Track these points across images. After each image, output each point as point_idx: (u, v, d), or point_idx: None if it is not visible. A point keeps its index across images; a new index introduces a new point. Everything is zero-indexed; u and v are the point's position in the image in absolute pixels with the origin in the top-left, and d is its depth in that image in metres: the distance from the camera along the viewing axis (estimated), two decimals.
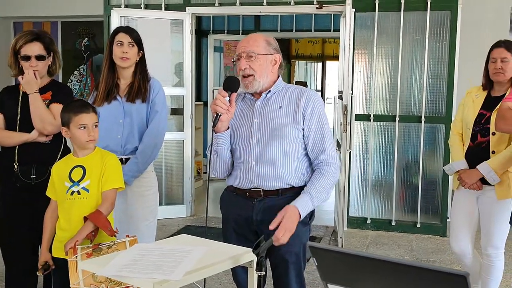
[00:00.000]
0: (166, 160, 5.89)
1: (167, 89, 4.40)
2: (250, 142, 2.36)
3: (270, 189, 2.35)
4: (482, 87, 3.23)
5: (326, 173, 2.32)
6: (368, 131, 5.49)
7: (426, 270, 1.04)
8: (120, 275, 1.69)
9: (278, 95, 2.40)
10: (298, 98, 2.36)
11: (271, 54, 2.37)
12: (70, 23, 7.58)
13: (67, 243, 2.40)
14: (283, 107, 2.36)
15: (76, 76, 7.74)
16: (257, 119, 2.37)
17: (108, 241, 2.35)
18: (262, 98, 2.40)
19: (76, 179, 2.55)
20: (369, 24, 5.38)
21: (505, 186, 3.05)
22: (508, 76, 3.09)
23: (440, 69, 5.29)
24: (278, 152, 2.33)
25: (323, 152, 2.34)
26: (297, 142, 2.36)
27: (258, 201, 2.36)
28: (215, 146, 2.36)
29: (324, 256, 1.21)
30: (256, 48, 2.34)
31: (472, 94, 3.26)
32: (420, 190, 5.37)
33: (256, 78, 2.33)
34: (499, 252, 3.17)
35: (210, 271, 1.78)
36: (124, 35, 3.02)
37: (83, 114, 2.55)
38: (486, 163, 3.05)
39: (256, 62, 2.33)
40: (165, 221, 5.59)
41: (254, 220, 2.37)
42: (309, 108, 2.34)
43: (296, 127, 2.34)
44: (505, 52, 3.09)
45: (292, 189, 2.36)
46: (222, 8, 5.83)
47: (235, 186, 2.42)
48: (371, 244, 5.06)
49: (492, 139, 3.06)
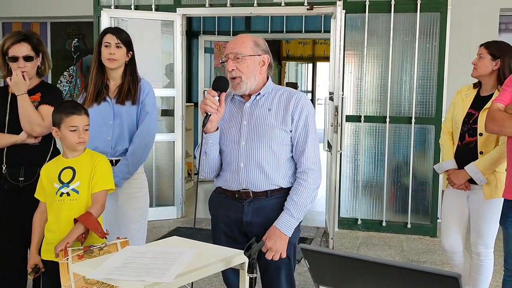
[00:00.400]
0: (156, 161, 5.87)
1: (158, 90, 4.38)
2: (239, 143, 2.35)
3: (259, 191, 2.34)
4: (473, 85, 3.26)
5: (305, 183, 2.33)
6: (358, 132, 5.50)
7: (418, 272, 1.04)
8: (111, 278, 1.67)
9: (268, 97, 2.40)
10: (287, 101, 2.36)
11: (259, 55, 2.37)
12: (60, 24, 7.53)
13: (57, 245, 2.38)
14: (273, 110, 2.36)
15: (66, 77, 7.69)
16: (246, 121, 2.37)
17: (99, 243, 2.34)
18: (251, 100, 2.40)
19: (65, 180, 2.53)
20: (359, 25, 5.39)
21: (492, 186, 3.07)
22: (481, 72, 3.14)
23: (430, 70, 5.31)
24: (266, 154, 2.32)
25: (303, 154, 2.34)
26: (286, 144, 2.36)
27: (248, 202, 2.36)
28: (204, 146, 2.35)
29: (316, 258, 1.20)
30: (243, 49, 2.33)
31: (462, 93, 3.28)
32: (411, 191, 5.39)
33: (243, 79, 2.33)
34: (489, 251, 3.19)
35: (202, 274, 1.77)
36: (111, 36, 2.99)
37: (75, 116, 2.53)
38: (474, 164, 3.07)
39: (243, 64, 2.32)
40: (155, 223, 5.57)
41: (243, 222, 2.37)
42: (298, 110, 2.34)
43: (285, 129, 2.34)
44: (483, 49, 3.15)
45: (281, 190, 2.36)
46: (212, 9, 5.82)
47: (224, 187, 2.42)
48: (362, 245, 5.07)
49: (480, 139, 3.09)
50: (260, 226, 2.34)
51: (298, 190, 2.33)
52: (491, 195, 3.07)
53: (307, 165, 2.34)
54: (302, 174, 2.34)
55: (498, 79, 3.09)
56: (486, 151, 3.07)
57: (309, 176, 2.33)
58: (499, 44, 3.17)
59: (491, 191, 3.07)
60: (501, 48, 3.13)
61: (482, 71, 3.13)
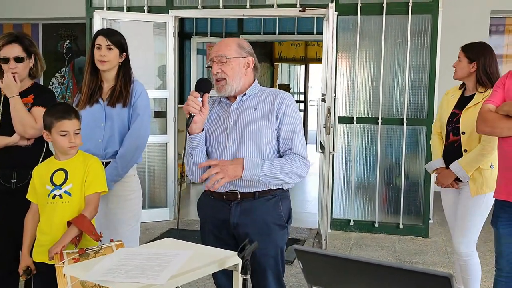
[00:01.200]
0: (149, 163, 5.86)
1: (150, 91, 4.37)
2: (226, 144, 2.36)
3: (246, 192, 2.35)
4: (460, 86, 3.34)
5: (289, 159, 2.32)
6: (351, 134, 5.51)
7: (410, 272, 1.05)
8: (105, 280, 1.67)
9: (254, 98, 2.42)
10: (272, 100, 2.39)
11: (244, 57, 2.40)
12: (52, 25, 7.52)
13: (51, 248, 2.37)
14: (258, 109, 2.38)
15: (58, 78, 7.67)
16: (232, 121, 2.38)
17: (94, 246, 2.33)
18: (237, 101, 2.42)
19: (58, 182, 2.52)
20: (351, 27, 5.41)
21: (478, 183, 3.14)
22: (460, 75, 3.23)
23: (421, 72, 5.34)
24: (254, 153, 2.33)
25: (292, 141, 2.35)
26: (273, 143, 2.37)
27: (235, 204, 2.37)
28: (190, 148, 2.37)
29: (309, 259, 1.21)
30: (227, 52, 2.36)
31: (449, 95, 3.38)
32: (403, 192, 5.42)
33: (228, 82, 2.35)
34: (471, 250, 3.24)
35: (195, 275, 1.77)
36: (102, 38, 2.99)
37: (65, 120, 2.51)
38: (457, 162, 3.16)
39: (228, 66, 2.35)
40: (148, 225, 5.57)
41: (231, 223, 2.37)
42: (282, 108, 2.36)
43: (271, 128, 2.36)
44: (461, 52, 3.24)
45: (269, 192, 2.37)
46: (205, 11, 5.82)
47: (212, 189, 2.42)
48: (355, 246, 5.08)
49: (463, 138, 3.16)
50: (248, 227, 2.35)
51: (281, 160, 2.31)
52: (477, 191, 3.14)
53: (296, 150, 2.33)
54: (291, 155, 2.33)
55: (477, 80, 3.17)
56: (470, 148, 3.14)
57: (296, 157, 2.32)
58: (475, 46, 3.24)
59: (476, 187, 3.14)
60: (477, 51, 3.20)
61: (460, 73, 3.23)
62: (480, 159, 3.08)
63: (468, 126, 3.08)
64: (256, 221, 2.35)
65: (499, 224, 2.78)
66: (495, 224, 2.81)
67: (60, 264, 2.18)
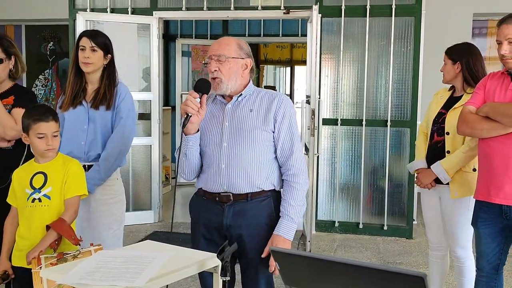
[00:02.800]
0: (133, 166, 5.82)
1: (134, 93, 4.34)
2: (221, 145, 2.35)
3: (239, 193, 2.34)
4: (450, 88, 3.33)
5: (298, 186, 2.35)
6: (335, 135, 5.53)
7: (385, 272, 1.05)
8: (82, 283, 1.65)
9: (249, 98, 2.41)
10: (269, 101, 2.37)
11: (242, 58, 2.37)
12: (35, 27, 7.46)
13: (29, 253, 2.34)
14: (254, 110, 2.36)
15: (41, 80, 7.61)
16: (228, 122, 2.36)
17: (73, 250, 2.30)
18: (233, 101, 2.40)
19: (37, 186, 2.49)
20: (335, 29, 5.44)
21: (458, 185, 3.12)
22: (448, 78, 3.24)
23: (405, 74, 5.37)
24: (248, 155, 2.32)
25: (291, 156, 2.35)
26: (268, 145, 2.36)
27: (228, 206, 2.35)
28: (184, 148, 2.34)
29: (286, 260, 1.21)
30: (227, 51, 2.33)
31: (438, 95, 3.36)
32: (387, 193, 5.45)
33: (223, 81, 2.33)
34: (468, 252, 3.23)
35: (175, 277, 1.76)
36: (86, 39, 2.95)
37: (42, 123, 2.47)
38: (439, 162, 3.14)
39: (225, 65, 2.33)
40: (132, 227, 5.53)
41: (223, 225, 2.36)
42: (281, 112, 2.34)
43: (266, 130, 2.34)
44: (445, 55, 3.25)
45: (262, 193, 2.36)
46: (189, 13, 5.81)
47: (205, 189, 2.40)
48: (339, 247, 5.10)
49: (447, 139, 3.15)
50: (240, 229, 2.34)
51: (293, 193, 2.34)
52: (458, 194, 3.12)
53: (297, 167, 2.36)
54: (294, 177, 2.35)
55: (464, 80, 3.18)
56: (453, 150, 3.13)
57: (301, 178, 2.35)
58: (458, 47, 3.25)
59: (457, 190, 3.12)
60: (459, 51, 3.21)
61: (447, 77, 3.23)
62: (462, 160, 3.07)
63: (453, 126, 3.07)
64: (249, 223, 2.34)
65: (479, 224, 2.80)
66: (475, 225, 2.84)
67: (37, 269, 2.15)
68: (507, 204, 2.63)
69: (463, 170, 3.10)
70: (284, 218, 2.32)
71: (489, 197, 2.70)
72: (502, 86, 2.71)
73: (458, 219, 3.16)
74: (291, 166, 2.36)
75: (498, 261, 2.82)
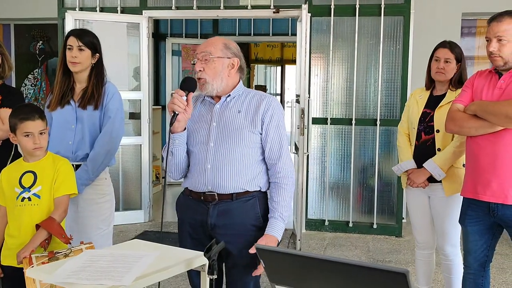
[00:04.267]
0: (123, 165, 5.81)
1: (124, 93, 4.34)
2: (207, 145, 2.35)
3: (224, 193, 2.34)
4: (425, 87, 3.33)
5: (287, 187, 2.36)
6: (325, 134, 5.55)
7: (368, 268, 1.06)
8: (68, 282, 1.65)
9: (238, 99, 2.40)
10: (258, 103, 2.37)
11: (229, 57, 2.37)
12: (24, 26, 7.41)
13: (20, 252, 2.33)
14: (242, 112, 2.36)
15: (31, 80, 7.57)
16: (215, 122, 2.36)
17: (64, 249, 2.29)
18: (221, 102, 2.40)
19: (26, 185, 2.49)
20: (325, 28, 5.45)
21: (452, 182, 3.14)
22: (449, 77, 3.20)
23: (394, 73, 5.40)
24: (234, 155, 2.32)
25: (279, 159, 2.36)
26: (255, 146, 2.36)
27: (213, 205, 2.35)
28: (171, 146, 2.34)
29: (270, 257, 1.21)
30: (213, 50, 2.33)
31: (416, 95, 3.37)
32: (376, 192, 5.47)
33: (208, 81, 2.33)
34: (456, 249, 3.26)
35: (161, 276, 1.76)
36: (74, 39, 2.94)
37: (28, 121, 2.47)
38: (431, 160, 3.15)
39: (211, 65, 2.33)
40: (122, 227, 5.52)
41: (208, 225, 2.36)
42: (269, 114, 2.35)
43: (254, 131, 2.34)
44: (449, 53, 3.19)
45: (246, 193, 2.36)
46: (178, 12, 5.80)
47: (190, 188, 2.41)
48: (329, 246, 5.11)
49: (437, 136, 3.16)
50: (225, 229, 2.34)
51: (282, 194, 2.35)
52: (451, 191, 3.14)
53: (286, 169, 2.37)
54: (284, 178, 2.36)
55: (451, 79, 3.20)
56: (443, 147, 3.15)
57: (289, 180, 2.37)
58: (458, 46, 3.26)
59: (451, 186, 3.14)
60: (460, 50, 3.23)
61: (451, 75, 3.20)
62: (454, 156, 3.09)
63: (442, 124, 3.06)
64: (233, 223, 2.34)
65: (466, 222, 2.82)
66: (463, 222, 2.86)
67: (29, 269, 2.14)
68: (495, 201, 2.65)
69: (454, 166, 3.13)
70: (276, 219, 2.33)
71: (476, 195, 2.72)
72: (489, 84, 2.73)
73: (449, 217, 3.18)
74: (280, 169, 2.36)
75: (485, 258, 2.85)
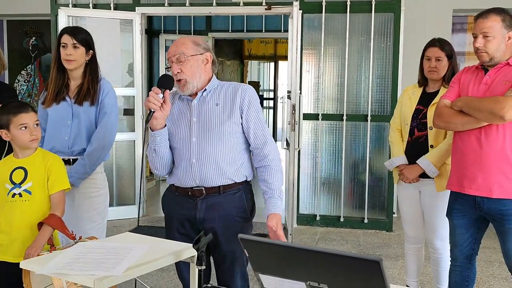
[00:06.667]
0: (117, 161, 5.85)
1: (118, 89, 4.37)
2: (190, 140, 2.39)
3: (212, 186, 2.39)
4: (418, 84, 3.38)
5: (277, 168, 2.43)
6: (317, 130, 5.61)
7: (343, 257, 1.11)
8: (61, 273, 1.70)
9: (214, 92, 2.45)
10: (233, 93, 2.42)
11: (201, 53, 2.42)
12: (17, 22, 7.42)
13: (29, 250, 2.35)
14: (220, 104, 2.42)
15: (24, 76, 7.58)
16: (195, 117, 2.41)
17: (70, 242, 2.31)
18: (198, 97, 2.44)
19: (17, 181, 2.51)
20: (316, 25, 5.50)
21: (443, 178, 3.18)
22: (442, 74, 3.25)
23: (385, 69, 5.46)
24: (218, 148, 2.38)
25: (266, 143, 2.43)
26: (237, 136, 2.42)
27: (201, 200, 2.40)
28: (153, 144, 2.39)
29: (254, 247, 1.27)
30: (185, 49, 2.38)
31: (408, 92, 3.41)
32: (367, 187, 5.54)
33: (188, 81, 2.38)
34: (445, 243, 3.30)
35: (152, 267, 1.82)
36: (68, 37, 2.98)
37: (23, 114, 2.49)
38: (425, 157, 3.19)
39: (187, 65, 2.37)
40: (116, 222, 5.56)
41: (197, 219, 2.41)
42: (246, 101, 2.40)
43: (234, 121, 2.40)
44: (439, 51, 3.23)
45: (234, 186, 2.42)
46: (171, 9, 5.84)
47: (177, 185, 2.46)
48: (320, 240, 5.18)
49: (430, 133, 3.21)
50: (213, 222, 2.39)
51: (275, 175, 2.42)
52: (442, 187, 3.17)
53: (273, 152, 2.44)
54: (274, 160, 2.43)
55: (444, 76, 3.24)
56: (436, 144, 3.19)
57: (278, 161, 2.45)
58: (449, 43, 3.30)
59: (442, 183, 3.17)
60: (450, 46, 3.27)
61: (443, 72, 3.24)
62: (448, 153, 3.11)
63: None
64: (221, 216, 2.39)
65: (453, 215, 2.88)
66: (450, 215, 2.91)
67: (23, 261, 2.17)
68: (480, 195, 2.70)
69: (446, 163, 3.17)
70: (274, 198, 2.39)
71: (462, 189, 2.76)
72: (476, 80, 2.77)
73: (439, 212, 3.22)
74: (268, 152, 2.43)
75: (471, 251, 2.90)
